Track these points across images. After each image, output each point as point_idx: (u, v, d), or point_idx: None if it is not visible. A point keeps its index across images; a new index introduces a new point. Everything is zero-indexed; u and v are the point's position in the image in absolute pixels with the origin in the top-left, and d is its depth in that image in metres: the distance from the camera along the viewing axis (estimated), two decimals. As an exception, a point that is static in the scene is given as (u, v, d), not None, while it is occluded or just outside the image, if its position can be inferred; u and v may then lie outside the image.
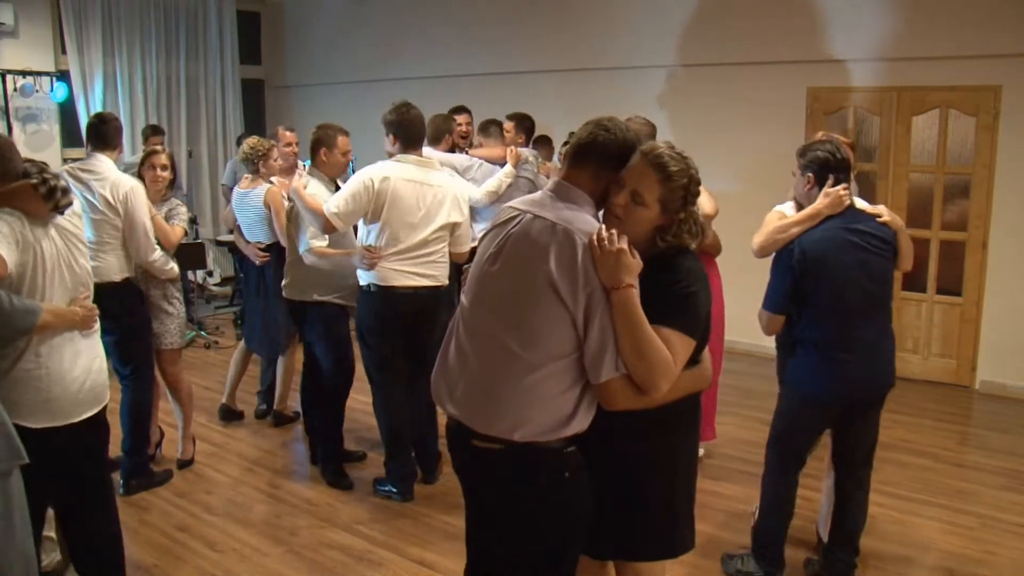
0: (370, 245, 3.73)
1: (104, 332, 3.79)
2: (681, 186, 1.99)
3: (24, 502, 2.34)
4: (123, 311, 3.84)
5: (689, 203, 2.01)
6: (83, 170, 3.78)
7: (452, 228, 3.84)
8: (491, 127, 5.32)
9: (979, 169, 5.59)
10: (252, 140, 4.70)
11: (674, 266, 1.99)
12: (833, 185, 2.94)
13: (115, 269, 3.82)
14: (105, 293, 3.76)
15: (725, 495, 3.97)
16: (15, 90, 7.25)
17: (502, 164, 4.98)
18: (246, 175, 4.67)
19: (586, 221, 1.97)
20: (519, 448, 1.94)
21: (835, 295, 2.91)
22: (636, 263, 1.89)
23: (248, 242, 4.70)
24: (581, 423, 1.97)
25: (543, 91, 7.18)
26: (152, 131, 6.82)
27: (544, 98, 7.04)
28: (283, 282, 4.18)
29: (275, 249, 4.58)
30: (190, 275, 7.27)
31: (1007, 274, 5.55)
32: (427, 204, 3.75)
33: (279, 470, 4.34)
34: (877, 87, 5.85)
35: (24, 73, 7.29)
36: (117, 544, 2.93)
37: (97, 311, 2.78)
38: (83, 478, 2.80)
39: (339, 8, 8.80)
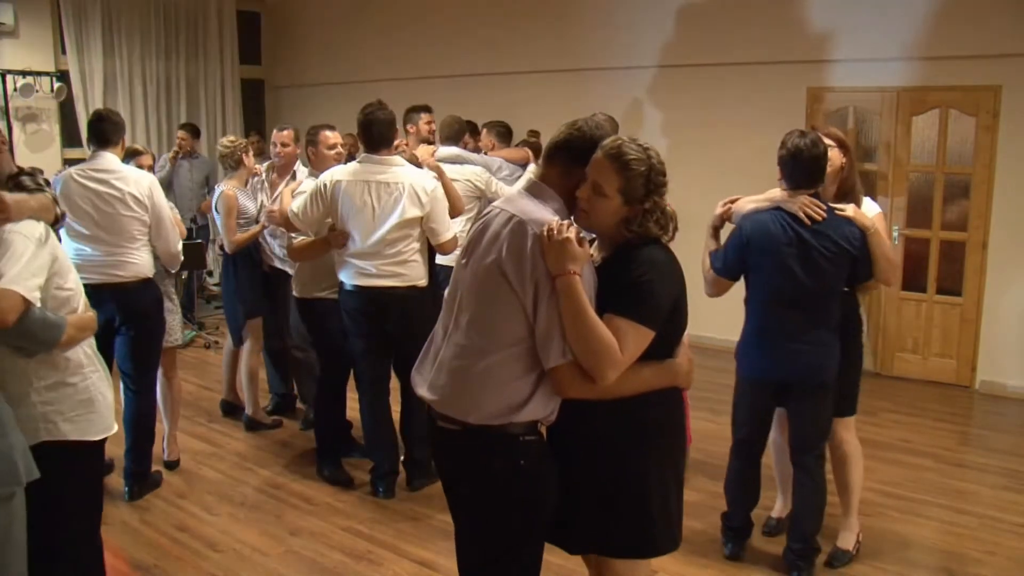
0: (334, 226, 3.84)
1: (125, 332, 3.79)
2: (640, 174, 2.00)
3: (24, 526, 2.24)
4: (152, 309, 3.86)
5: (653, 193, 2.03)
6: (97, 170, 3.68)
7: (415, 223, 3.79)
8: (504, 129, 5.46)
9: (979, 169, 5.58)
10: (228, 139, 4.76)
11: (634, 256, 2.01)
12: (812, 193, 3.04)
13: (147, 265, 3.83)
14: (138, 290, 3.77)
15: (723, 495, 3.96)
16: (15, 90, 7.25)
17: (522, 165, 5.28)
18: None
19: (543, 214, 2.02)
20: (474, 430, 2.02)
21: (767, 278, 3.08)
22: (582, 252, 1.94)
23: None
24: (537, 410, 2.01)
25: (545, 91, 7.18)
26: (180, 127, 7.51)
27: (544, 98, 7.05)
28: (292, 280, 4.26)
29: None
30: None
31: (1007, 274, 5.55)
32: (380, 203, 3.74)
33: (279, 470, 4.34)
34: (877, 87, 5.85)
35: (24, 73, 7.29)
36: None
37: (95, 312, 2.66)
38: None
39: (339, 8, 8.80)
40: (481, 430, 2.01)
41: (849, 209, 3.08)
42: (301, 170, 4.59)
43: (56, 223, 2.59)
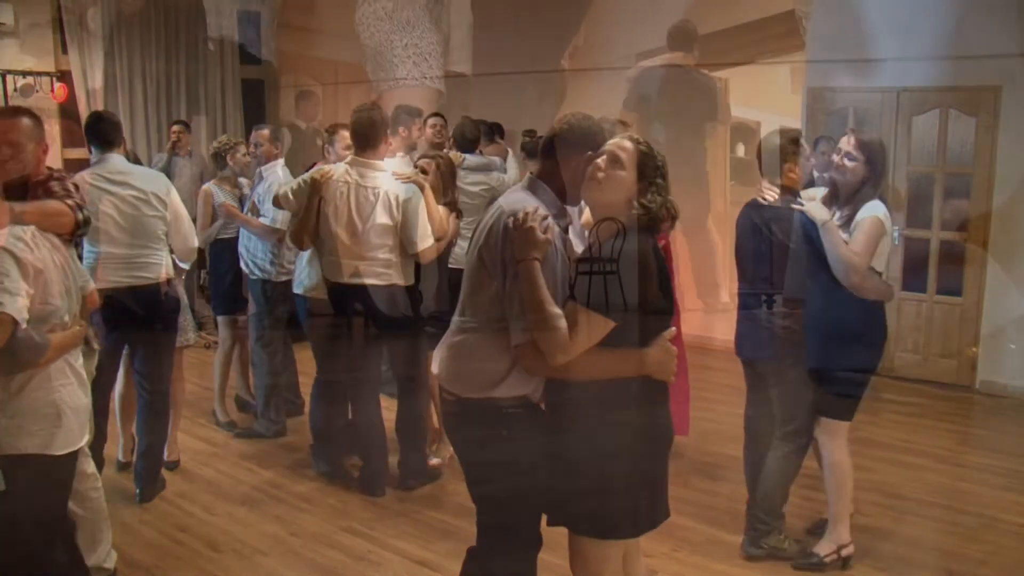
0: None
1: (145, 331, 3.77)
2: (652, 155, 2.18)
3: None
4: (173, 308, 3.85)
5: (662, 172, 2.18)
6: (111, 172, 3.60)
7: (388, 230, 3.78)
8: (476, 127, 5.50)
9: (979, 169, 5.58)
10: (220, 138, 4.89)
11: (613, 247, 2.09)
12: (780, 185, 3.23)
13: (168, 264, 3.82)
14: (160, 290, 3.75)
15: (724, 495, 3.97)
16: (15, 90, 7.24)
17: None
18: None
19: (523, 204, 2.17)
20: (464, 401, 2.25)
21: (737, 255, 3.31)
22: (544, 240, 2.09)
23: None
24: (516, 386, 2.19)
25: (544, 91, 7.18)
26: (173, 123, 7.36)
27: (544, 98, 7.05)
28: (304, 278, 4.20)
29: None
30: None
31: (1007, 274, 5.55)
32: (357, 205, 3.76)
33: (279, 470, 4.34)
34: (877, 87, 5.85)
35: (24, 73, 7.29)
36: None
37: (86, 325, 2.62)
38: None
39: (338, 9, 8.79)
40: (470, 401, 2.23)
41: (807, 203, 3.12)
42: (283, 172, 4.58)
43: (78, 229, 2.56)
